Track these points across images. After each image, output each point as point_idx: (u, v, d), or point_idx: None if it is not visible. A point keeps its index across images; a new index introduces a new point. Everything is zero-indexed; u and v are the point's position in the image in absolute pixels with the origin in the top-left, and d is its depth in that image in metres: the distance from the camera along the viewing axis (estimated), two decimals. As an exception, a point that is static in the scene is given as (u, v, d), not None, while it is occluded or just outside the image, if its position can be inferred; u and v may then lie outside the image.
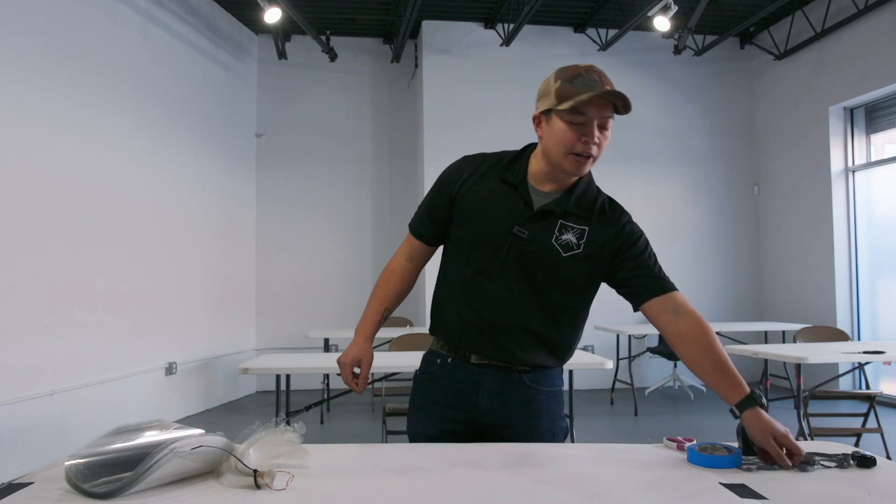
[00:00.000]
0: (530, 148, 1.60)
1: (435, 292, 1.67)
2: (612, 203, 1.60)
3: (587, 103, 1.40)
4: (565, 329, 1.58)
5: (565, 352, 1.61)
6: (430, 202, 1.65)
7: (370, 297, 1.70)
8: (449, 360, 1.60)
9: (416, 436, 1.64)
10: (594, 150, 1.46)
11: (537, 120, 1.52)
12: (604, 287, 1.64)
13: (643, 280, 1.54)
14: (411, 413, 1.68)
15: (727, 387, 1.40)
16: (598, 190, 1.60)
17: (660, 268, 1.58)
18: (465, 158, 1.64)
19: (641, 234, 1.59)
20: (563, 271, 1.52)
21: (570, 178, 1.54)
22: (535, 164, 1.56)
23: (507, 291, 1.53)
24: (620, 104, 1.42)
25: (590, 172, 1.57)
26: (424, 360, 1.69)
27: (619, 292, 1.60)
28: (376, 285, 1.72)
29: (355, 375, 1.64)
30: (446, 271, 1.65)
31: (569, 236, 1.52)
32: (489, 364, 1.56)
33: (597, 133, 1.44)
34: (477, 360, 1.57)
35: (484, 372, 1.56)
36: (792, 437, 1.32)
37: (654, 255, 1.59)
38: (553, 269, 1.52)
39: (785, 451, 1.30)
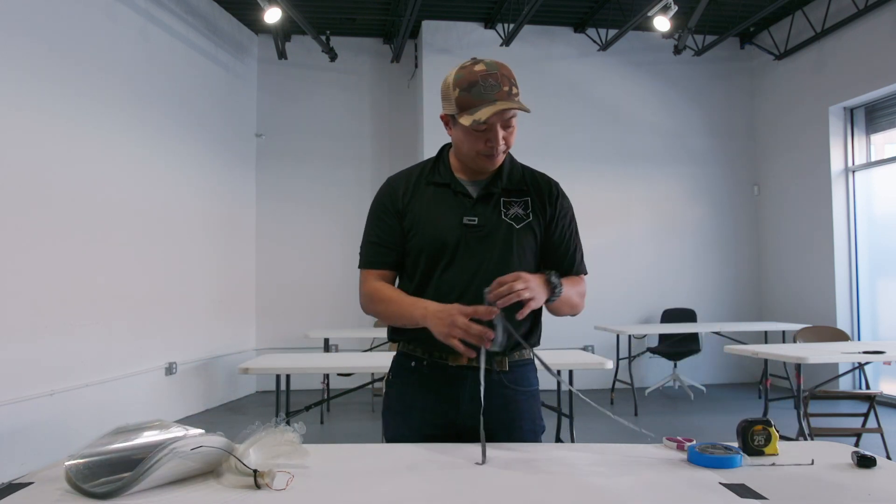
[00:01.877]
0: (447, 148, 1.65)
1: None
2: (542, 174, 1.68)
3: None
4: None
5: (533, 328, 1.62)
6: (380, 230, 1.60)
7: (390, 302, 1.57)
8: (424, 363, 1.57)
9: (394, 441, 1.62)
10: (501, 147, 1.52)
11: (445, 120, 1.56)
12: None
13: (559, 256, 1.62)
14: (388, 418, 1.67)
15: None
16: (522, 165, 1.67)
17: (577, 247, 1.65)
18: (389, 179, 1.66)
19: (570, 208, 1.66)
20: (521, 244, 1.57)
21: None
22: (455, 160, 1.62)
23: (470, 281, 1.52)
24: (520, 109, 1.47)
25: (510, 153, 1.64)
26: (396, 363, 1.65)
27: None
28: (380, 298, 1.58)
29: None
30: (406, 283, 1.61)
31: (516, 209, 1.58)
32: (468, 367, 1.54)
33: (501, 133, 1.50)
34: (454, 362, 1.55)
35: (463, 375, 1.55)
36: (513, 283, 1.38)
37: (577, 232, 1.66)
38: (511, 245, 1.56)
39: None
